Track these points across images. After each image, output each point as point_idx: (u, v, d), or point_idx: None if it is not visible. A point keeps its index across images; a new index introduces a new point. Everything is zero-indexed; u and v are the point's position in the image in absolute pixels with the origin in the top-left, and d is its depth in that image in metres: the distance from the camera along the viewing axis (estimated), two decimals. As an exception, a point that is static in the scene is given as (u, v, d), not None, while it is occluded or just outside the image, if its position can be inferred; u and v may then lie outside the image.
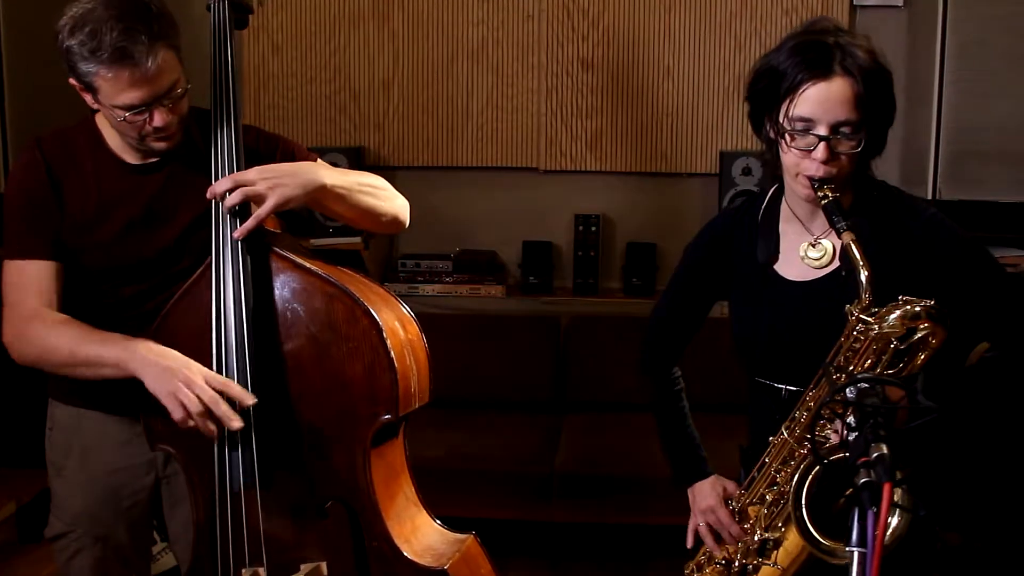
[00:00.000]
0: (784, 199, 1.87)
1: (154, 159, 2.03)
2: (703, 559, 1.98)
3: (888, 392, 1.47)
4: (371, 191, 2.12)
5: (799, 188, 1.74)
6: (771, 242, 1.86)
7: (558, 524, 3.72)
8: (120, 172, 2.03)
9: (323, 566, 1.97)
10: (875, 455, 1.33)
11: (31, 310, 1.97)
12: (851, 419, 1.44)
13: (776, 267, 1.85)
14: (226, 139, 2.00)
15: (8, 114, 3.74)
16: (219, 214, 1.97)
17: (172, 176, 2.04)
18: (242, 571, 1.96)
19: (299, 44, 4.34)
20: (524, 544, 3.77)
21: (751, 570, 1.85)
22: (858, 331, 1.63)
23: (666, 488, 2.15)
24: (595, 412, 4.08)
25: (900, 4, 4.07)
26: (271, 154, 2.12)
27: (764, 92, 1.75)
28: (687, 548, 2.01)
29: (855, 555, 1.32)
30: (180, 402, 1.84)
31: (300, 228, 3.98)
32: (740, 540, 1.88)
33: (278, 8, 4.31)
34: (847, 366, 1.65)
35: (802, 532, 1.65)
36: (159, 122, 1.90)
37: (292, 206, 1.97)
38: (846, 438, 1.44)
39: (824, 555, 1.64)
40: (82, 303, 2.02)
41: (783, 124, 1.70)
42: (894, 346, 1.60)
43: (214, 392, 1.85)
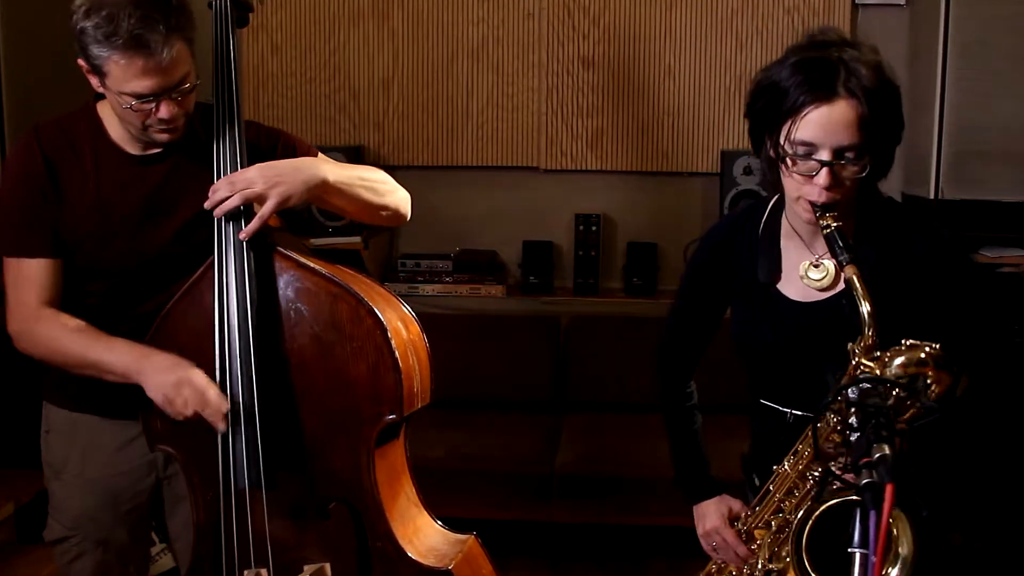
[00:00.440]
0: (785, 215, 1.83)
1: (156, 150, 2.01)
2: (713, 569, 1.97)
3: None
4: (372, 184, 2.11)
5: (801, 212, 1.69)
6: (772, 259, 1.82)
7: (558, 524, 3.71)
8: (121, 162, 2.01)
9: (327, 567, 1.97)
10: (877, 456, 1.32)
11: (36, 309, 1.97)
12: (853, 419, 1.43)
13: (778, 286, 1.81)
14: (228, 135, 1.99)
15: (6, 107, 3.72)
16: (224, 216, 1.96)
17: (174, 169, 2.03)
18: (245, 572, 1.95)
19: (298, 43, 4.33)
20: (524, 544, 3.76)
21: None
22: (859, 374, 1.56)
23: (667, 488, 2.14)
24: (595, 412, 4.07)
25: (902, 3, 4.06)
26: (272, 149, 2.11)
27: (765, 111, 1.69)
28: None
29: (857, 556, 1.30)
30: (174, 407, 1.89)
31: (300, 228, 3.99)
32: (747, 562, 1.87)
33: (277, 7, 4.30)
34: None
35: (802, 575, 1.62)
36: (165, 114, 1.89)
37: (294, 203, 1.96)
38: (850, 479, 1.41)
39: None
40: (80, 300, 2.01)
41: (784, 147, 1.64)
42: (896, 393, 1.50)
43: (201, 397, 1.89)
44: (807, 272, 1.78)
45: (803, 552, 1.59)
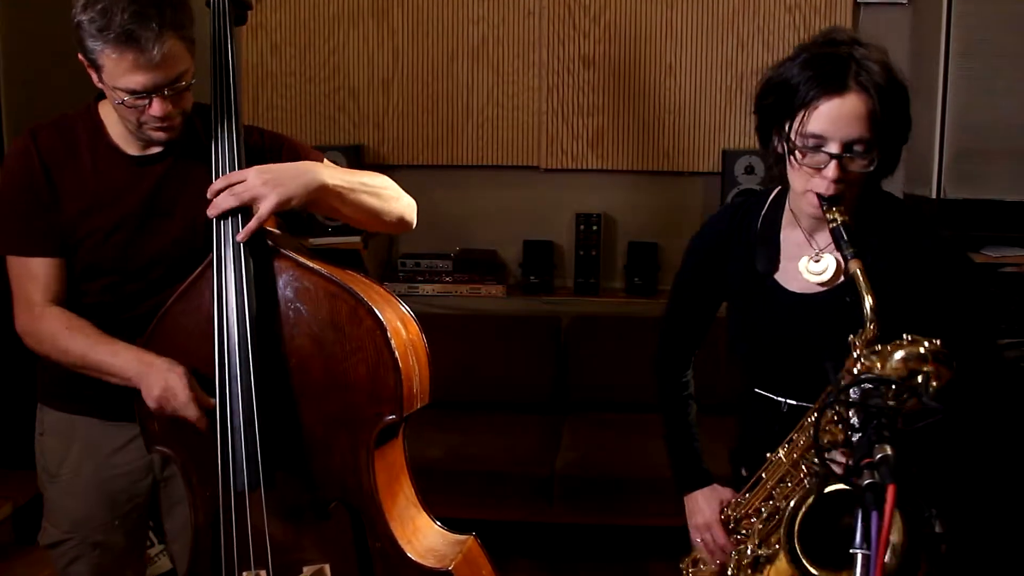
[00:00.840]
0: (788, 207, 1.84)
1: (155, 150, 2.00)
2: (699, 555, 1.98)
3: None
4: (374, 191, 2.10)
5: (807, 207, 1.71)
6: (771, 251, 1.83)
7: (559, 525, 3.71)
8: (120, 163, 2.00)
9: (326, 568, 1.96)
10: (879, 456, 1.32)
11: (40, 306, 1.98)
12: (855, 419, 1.42)
13: (776, 277, 1.83)
14: (226, 135, 1.98)
15: (5, 107, 3.71)
16: (219, 216, 1.95)
17: (173, 170, 2.02)
18: (244, 574, 1.94)
19: (298, 42, 4.32)
20: (525, 545, 3.77)
21: None
22: (860, 368, 1.55)
23: (667, 490, 2.13)
24: (596, 413, 4.06)
25: (904, 1, 4.05)
26: (276, 153, 2.10)
27: (774, 106, 1.71)
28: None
29: (859, 557, 1.30)
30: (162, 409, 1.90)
31: (299, 228, 3.98)
32: (735, 551, 1.87)
33: (277, 6, 4.29)
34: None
35: (793, 562, 1.62)
36: (158, 111, 1.88)
37: (293, 206, 1.95)
38: (846, 467, 1.41)
39: None
40: (78, 299, 2.01)
41: (794, 141, 1.66)
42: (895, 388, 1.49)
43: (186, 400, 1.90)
44: (807, 267, 1.79)
45: (795, 539, 1.59)
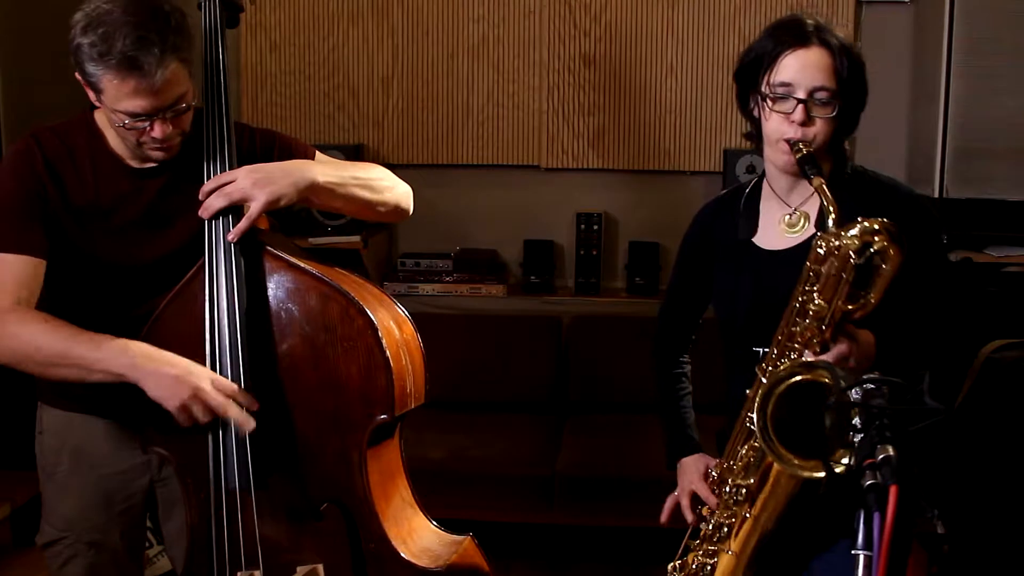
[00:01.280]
0: (765, 180, 1.98)
1: (153, 164, 1.99)
2: (687, 560, 2.00)
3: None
4: (366, 183, 2.09)
5: (779, 156, 1.85)
6: (751, 220, 1.97)
7: (560, 526, 3.70)
8: (120, 173, 1.99)
9: (320, 568, 1.96)
10: (881, 457, 1.31)
11: (6, 306, 1.88)
12: (857, 420, 1.41)
13: (755, 239, 1.96)
14: (217, 139, 1.98)
15: (2, 108, 3.71)
16: (210, 217, 1.94)
17: (172, 180, 2.01)
18: (238, 574, 1.94)
19: (297, 41, 4.32)
20: (525, 547, 3.76)
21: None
22: (820, 249, 1.69)
23: (669, 490, 2.12)
24: (597, 413, 4.05)
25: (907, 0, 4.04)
26: (268, 152, 2.09)
27: (747, 69, 1.90)
28: (661, 522, 2.12)
29: (860, 558, 1.30)
30: (189, 413, 1.84)
31: (297, 226, 3.97)
32: (715, 509, 1.93)
33: (275, 5, 4.29)
34: (811, 294, 1.70)
35: (767, 445, 1.64)
36: (158, 134, 1.87)
37: (283, 204, 1.94)
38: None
39: (785, 465, 1.64)
40: (72, 303, 1.98)
41: (764, 91, 1.84)
42: (853, 261, 1.64)
43: (224, 398, 1.85)
44: (783, 227, 1.92)
45: (767, 420, 1.63)
